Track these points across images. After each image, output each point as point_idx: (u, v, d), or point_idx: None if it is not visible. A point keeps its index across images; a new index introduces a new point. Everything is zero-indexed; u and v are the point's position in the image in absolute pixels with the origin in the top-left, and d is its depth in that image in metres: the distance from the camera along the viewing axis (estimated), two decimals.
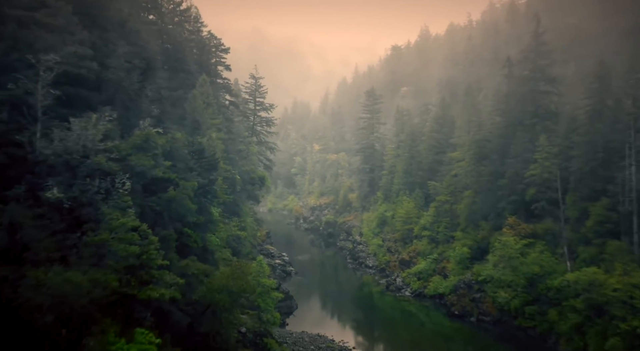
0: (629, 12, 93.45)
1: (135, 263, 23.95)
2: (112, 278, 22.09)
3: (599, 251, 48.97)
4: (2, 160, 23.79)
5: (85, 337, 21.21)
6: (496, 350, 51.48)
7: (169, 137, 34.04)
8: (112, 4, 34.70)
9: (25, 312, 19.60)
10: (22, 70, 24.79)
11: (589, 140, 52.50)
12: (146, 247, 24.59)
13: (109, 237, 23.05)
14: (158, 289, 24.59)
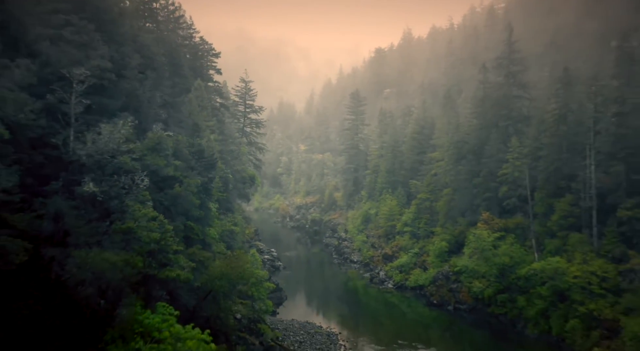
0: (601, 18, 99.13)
1: (155, 248, 28.34)
2: (138, 260, 26.46)
3: (563, 243, 54.40)
4: (40, 160, 27.94)
5: (118, 307, 25.62)
6: (471, 336, 56.35)
7: (174, 139, 38.32)
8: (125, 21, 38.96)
9: (71, 286, 23.90)
10: (54, 82, 28.96)
11: (554, 142, 57.89)
12: (164, 234, 29.02)
13: (133, 225, 27.39)
14: (175, 270, 29.07)
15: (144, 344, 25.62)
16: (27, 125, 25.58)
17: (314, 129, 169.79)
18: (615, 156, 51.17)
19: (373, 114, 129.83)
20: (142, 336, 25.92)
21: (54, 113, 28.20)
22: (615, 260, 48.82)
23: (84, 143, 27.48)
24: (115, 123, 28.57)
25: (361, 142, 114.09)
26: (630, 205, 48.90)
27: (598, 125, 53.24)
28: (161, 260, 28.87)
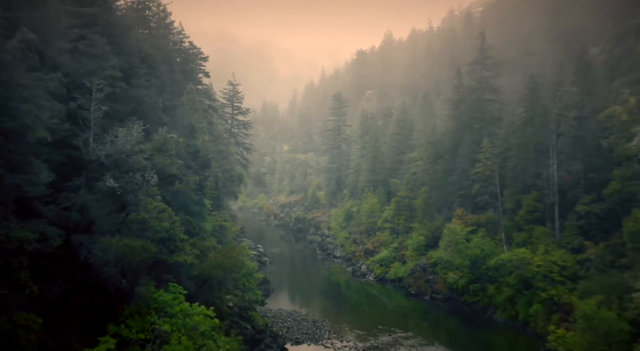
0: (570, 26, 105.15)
1: (165, 236, 32.65)
2: (152, 246, 30.74)
3: (529, 235, 59.87)
4: (62, 159, 32.04)
5: (137, 286, 29.92)
6: (446, 323, 61.43)
7: (175, 140, 42.54)
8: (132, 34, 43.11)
9: (97, 267, 28.13)
10: (74, 90, 33.06)
11: (522, 143, 63.35)
12: (172, 224, 33.38)
13: (146, 216, 31.66)
14: (182, 256, 33.48)
15: (158, 318, 29.99)
16: (54, 129, 29.68)
17: (297, 130, 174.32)
18: (575, 156, 56.74)
19: (355, 115, 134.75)
20: (156, 311, 30.29)
21: (74, 118, 32.31)
22: (574, 250, 54.37)
23: (103, 145, 31.69)
24: (129, 127, 32.80)
25: (343, 142, 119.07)
26: (587, 201, 54.46)
27: (560, 128, 58.77)
28: (170, 247, 33.24)
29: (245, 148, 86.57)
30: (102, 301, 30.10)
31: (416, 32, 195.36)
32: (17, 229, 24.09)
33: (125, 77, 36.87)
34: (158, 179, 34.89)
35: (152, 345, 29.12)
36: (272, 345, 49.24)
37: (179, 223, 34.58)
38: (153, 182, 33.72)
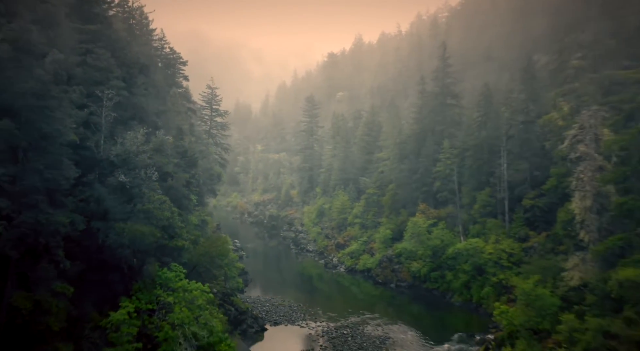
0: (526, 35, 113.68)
1: (166, 223, 38.65)
2: (156, 231, 36.74)
3: (482, 227, 67.54)
4: (77, 159, 37.70)
5: (145, 265, 35.92)
6: (410, 308, 68.48)
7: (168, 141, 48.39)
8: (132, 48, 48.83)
9: (114, 248, 34.01)
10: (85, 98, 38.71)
11: (477, 144, 71.04)
12: (172, 214, 39.43)
13: (150, 206, 37.62)
14: (181, 241, 39.59)
15: (162, 292, 36.08)
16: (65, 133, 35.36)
17: (270, 130, 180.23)
18: (522, 156, 64.60)
19: (327, 116, 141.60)
20: (161, 286, 36.37)
21: (86, 123, 38.02)
22: (520, 239, 62.19)
23: (114, 146, 37.52)
24: (135, 131, 38.69)
25: (316, 142, 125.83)
26: (532, 196, 62.33)
27: (510, 131, 66.56)
28: (170, 233, 39.24)
29: (223, 149, 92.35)
30: (115, 279, 36.02)
31: (385, 35, 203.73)
32: (54, 215, 29.91)
33: (127, 86, 42.65)
34: (158, 175, 40.83)
35: (158, 313, 35.21)
36: (254, 325, 55.52)
37: (177, 213, 40.67)
38: (154, 178, 39.68)
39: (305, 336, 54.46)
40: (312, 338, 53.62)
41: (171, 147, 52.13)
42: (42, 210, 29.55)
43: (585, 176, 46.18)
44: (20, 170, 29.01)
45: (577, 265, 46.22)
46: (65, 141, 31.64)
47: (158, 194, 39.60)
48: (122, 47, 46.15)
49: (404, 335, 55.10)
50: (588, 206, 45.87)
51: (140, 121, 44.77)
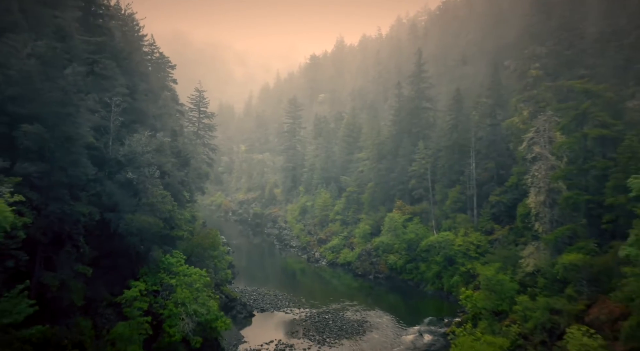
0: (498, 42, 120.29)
1: (167, 216, 43.88)
2: (160, 222, 41.95)
3: (453, 222, 73.73)
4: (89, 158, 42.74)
5: (151, 251, 41.16)
6: (387, 297, 74.27)
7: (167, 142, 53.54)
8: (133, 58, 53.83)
9: (125, 236, 39.19)
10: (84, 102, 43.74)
11: (449, 145, 77.25)
12: (172, 207, 44.66)
13: (154, 200, 42.84)
14: (180, 231, 44.85)
15: (166, 275, 41.35)
16: (85, 136, 40.45)
17: (253, 131, 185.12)
18: (489, 156, 70.94)
19: (309, 117, 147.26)
20: (164, 270, 41.63)
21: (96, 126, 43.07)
22: (486, 232, 68.48)
23: (121, 146, 42.66)
24: (140, 133, 43.87)
25: (298, 143, 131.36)
26: (498, 193, 68.68)
27: (478, 133, 72.86)
28: (171, 224, 44.49)
29: (210, 149, 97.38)
30: (124, 264, 41.22)
31: (366, 38, 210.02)
32: (75, 206, 35.04)
33: (130, 92, 47.76)
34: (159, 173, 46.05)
35: (163, 293, 40.48)
36: (243, 311, 60.90)
37: (177, 207, 45.90)
38: (156, 175, 44.91)
39: (290, 321, 59.99)
40: (296, 323, 59.15)
41: (167, 147, 57.30)
42: (66, 202, 34.66)
43: (540, 174, 52.45)
44: (48, 168, 34.03)
45: (532, 253, 52.51)
46: (85, 143, 36.75)
47: (160, 190, 44.82)
48: (125, 57, 51.23)
49: (380, 319, 60.91)
50: (542, 201, 52.16)
51: (142, 124, 49.90)
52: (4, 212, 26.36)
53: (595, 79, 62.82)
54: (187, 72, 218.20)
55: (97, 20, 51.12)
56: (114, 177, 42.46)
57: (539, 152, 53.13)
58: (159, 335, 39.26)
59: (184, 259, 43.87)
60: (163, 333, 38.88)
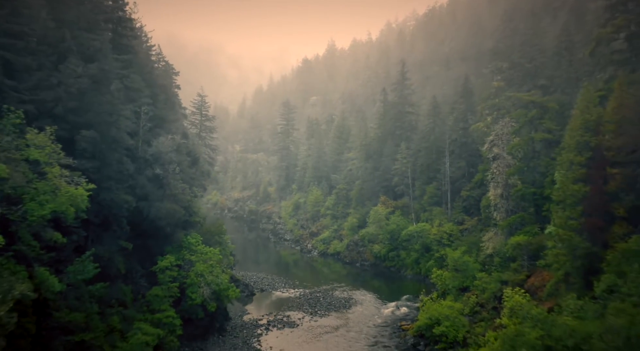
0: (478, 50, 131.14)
1: (187, 204, 54.08)
2: (181, 210, 52.14)
3: (430, 214, 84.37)
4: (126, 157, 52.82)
5: (175, 233, 51.38)
6: (372, 281, 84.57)
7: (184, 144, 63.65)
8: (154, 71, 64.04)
9: (154, 220, 49.35)
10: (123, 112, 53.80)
11: (427, 146, 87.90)
12: (191, 197, 54.87)
13: (176, 192, 53.02)
14: (198, 218, 55.11)
15: (187, 253, 51.60)
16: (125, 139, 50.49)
17: (248, 132, 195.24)
18: (461, 156, 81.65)
19: (302, 118, 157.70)
20: (185, 249, 51.86)
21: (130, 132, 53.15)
22: (458, 223, 79.12)
23: (150, 147, 52.82)
24: (165, 136, 54.09)
25: (292, 143, 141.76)
26: (468, 188, 79.31)
27: (452, 136, 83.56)
28: (190, 212, 54.72)
29: (211, 149, 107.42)
30: (153, 243, 51.41)
31: (357, 42, 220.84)
32: (119, 195, 45.20)
33: (152, 102, 57.90)
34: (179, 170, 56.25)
35: (185, 266, 50.71)
36: (245, 290, 71.12)
37: (194, 196, 56.13)
38: (177, 171, 55.13)
39: (286, 298, 70.33)
40: (292, 300, 69.49)
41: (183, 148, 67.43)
42: (113, 192, 44.83)
43: (498, 171, 63.10)
44: (99, 165, 44.15)
45: (491, 238, 63.24)
46: (125, 145, 46.94)
47: (180, 183, 55.04)
48: (149, 71, 61.39)
49: (364, 297, 71.37)
50: (499, 193, 62.81)
51: (161, 128, 60.04)
52: (83, 196, 36.44)
53: (553, 89, 73.98)
54: (181, 75, 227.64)
55: (123, 40, 61.06)
56: (144, 172, 52.56)
57: (497, 152, 63.80)
58: (183, 299, 49.51)
59: (201, 240, 54.10)
60: (186, 297, 49.14)
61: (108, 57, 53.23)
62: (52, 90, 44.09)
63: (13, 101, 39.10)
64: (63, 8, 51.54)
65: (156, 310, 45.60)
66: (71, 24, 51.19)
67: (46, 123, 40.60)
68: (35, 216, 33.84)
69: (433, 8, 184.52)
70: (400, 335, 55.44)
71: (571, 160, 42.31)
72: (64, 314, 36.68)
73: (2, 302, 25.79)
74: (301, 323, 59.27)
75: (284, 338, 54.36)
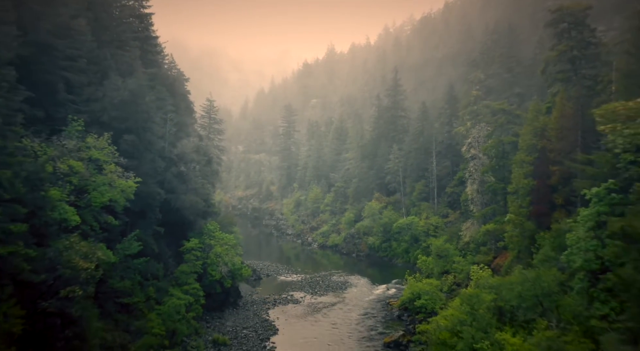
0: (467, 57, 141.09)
1: (206, 197, 64.39)
2: (202, 202, 62.43)
3: (419, 209, 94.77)
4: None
5: (197, 221, 61.72)
6: (366, 270, 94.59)
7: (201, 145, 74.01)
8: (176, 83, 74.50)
9: (180, 210, 59.64)
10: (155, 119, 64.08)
11: (417, 147, 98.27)
12: (209, 191, 65.18)
13: (197, 186, 63.32)
14: (215, 209, 65.46)
15: (207, 238, 61.95)
16: (158, 142, 60.73)
17: (250, 133, 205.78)
18: (446, 157, 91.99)
19: (302, 120, 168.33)
20: (205, 234, 62.22)
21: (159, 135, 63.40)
22: (443, 216, 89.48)
23: (174, 148, 63.13)
24: (186, 138, 64.40)
25: (293, 144, 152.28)
26: (452, 185, 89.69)
27: (439, 138, 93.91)
28: (208, 203, 65.05)
29: (220, 151, 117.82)
30: (178, 230, 61.73)
31: (355, 46, 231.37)
32: (154, 188, 55.50)
33: (175, 109, 68.26)
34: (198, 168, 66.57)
35: (205, 248, 61.05)
36: (253, 275, 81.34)
37: (212, 190, 66.47)
38: (197, 169, 65.51)
39: (290, 282, 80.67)
40: (294, 283, 79.81)
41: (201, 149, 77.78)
42: (149, 185, 55.13)
43: (474, 169, 73.46)
44: (138, 163, 54.45)
45: (468, 228, 73.61)
46: (157, 147, 57.32)
47: (200, 179, 65.42)
48: (171, 83, 71.82)
49: (358, 281, 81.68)
50: (475, 189, 73.17)
51: (183, 131, 70.43)
52: (132, 187, 46.75)
53: (528, 96, 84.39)
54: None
55: (149, 55, 71.43)
56: (170, 169, 62.88)
57: (474, 153, 74.16)
58: (204, 276, 59.83)
59: (218, 227, 64.47)
60: (207, 274, 59.47)
61: (139, 71, 63.69)
62: (99, 102, 54.41)
63: (73, 112, 49.42)
64: (102, 30, 61.93)
65: (183, 283, 55.88)
66: (109, 43, 61.61)
67: (96, 129, 50.92)
68: (97, 203, 44.18)
69: (428, 14, 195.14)
70: (388, 308, 65.76)
71: (523, 159, 52.72)
72: (115, 281, 47.04)
73: (90, 261, 36.02)
74: (303, 301, 69.57)
75: (288, 311, 64.63)
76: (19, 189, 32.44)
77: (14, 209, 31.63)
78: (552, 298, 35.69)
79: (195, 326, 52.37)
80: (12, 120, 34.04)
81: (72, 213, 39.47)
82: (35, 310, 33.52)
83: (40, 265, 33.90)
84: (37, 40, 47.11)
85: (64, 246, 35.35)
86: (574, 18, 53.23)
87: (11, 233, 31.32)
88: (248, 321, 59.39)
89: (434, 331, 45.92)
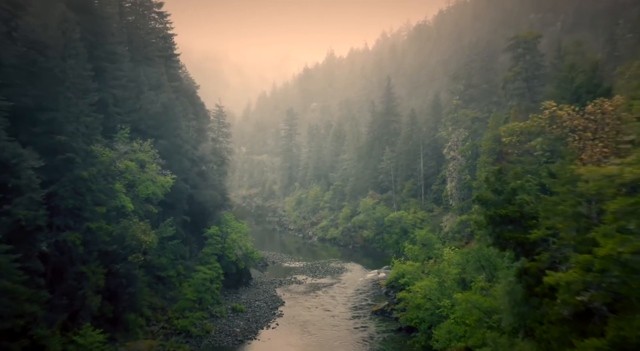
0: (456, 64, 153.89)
1: (222, 192, 77.21)
2: (219, 196, 75.24)
3: (407, 204, 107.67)
4: None
5: (216, 212, 74.59)
6: (361, 259, 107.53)
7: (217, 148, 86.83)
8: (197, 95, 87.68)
9: (202, 202, 72.45)
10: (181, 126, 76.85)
11: (407, 150, 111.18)
12: (225, 187, 78.03)
13: (215, 183, 76.12)
14: (230, 202, 78.28)
15: (224, 226, 74.87)
16: (184, 145, 73.59)
17: (253, 135, 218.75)
18: (432, 158, 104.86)
19: (303, 123, 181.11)
20: (223, 223, 75.14)
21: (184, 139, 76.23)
22: (429, 211, 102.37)
23: (196, 151, 75.94)
24: (205, 142, 77.28)
25: (294, 146, 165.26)
26: (437, 183, 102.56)
27: (426, 141, 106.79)
28: (224, 197, 77.94)
29: (228, 152, 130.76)
30: (199, 219, 74.63)
31: (354, 51, 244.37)
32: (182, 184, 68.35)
33: (194, 117, 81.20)
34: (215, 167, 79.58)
35: (223, 235, 73.94)
36: (260, 262, 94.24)
37: (227, 186, 79.41)
38: (214, 168, 78.48)
39: (293, 267, 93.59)
40: (297, 268, 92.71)
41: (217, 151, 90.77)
42: (177, 182, 68.01)
43: (453, 168, 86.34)
44: (169, 163, 67.25)
45: (447, 219, 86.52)
46: (183, 149, 70.23)
47: (217, 177, 78.36)
48: (191, 94, 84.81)
49: (353, 267, 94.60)
50: (454, 185, 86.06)
51: (201, 136, 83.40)
52: (169, 183, 59.66)
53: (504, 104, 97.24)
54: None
55: (171, 71, 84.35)
56: (193, 169, 75.84)
57: (453, 154, 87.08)
58: (222, 258, 72.68)
59: (233, 217, 77.42)
60: (225, 256, 72.34)
61: (165, 85, 76.72)
62: (137, 113, 67.35)
63: (119, 122, 62.32)
64: (135, 51, 74.92)
65: (206, 262, 68.78)
66: (141, 62, 74.59)
67: (135, 136, 63.87)
68: (143, 194, 57.12)
69: (423, 23, 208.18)
70: (377, 287, 78.72)
71: (485, 160, 65.64)
72: (155, 258, 59.98)
73: (147, 234, 48.93)
74: (305, 282, 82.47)
75: (292, 289, 77.50)
76: (99, 182, 45.39)
77: (98, 197, 44.58)
78: (489, 261, 48.72)
79: (217, 297, 65.29)
80: (94, 132, 47.03)
81: (128, 201, 52.44)
82: (109, 271, 46.45)
83: (112, 238, 46.91)
84: (94, 66, 60.05)
85: (129, 225, 48.28)
86: (528, 45, 66.03)
87: (96, 213, 44.28)
88: (259, 295, 72.31)
89: (411, 298, 58.90)
